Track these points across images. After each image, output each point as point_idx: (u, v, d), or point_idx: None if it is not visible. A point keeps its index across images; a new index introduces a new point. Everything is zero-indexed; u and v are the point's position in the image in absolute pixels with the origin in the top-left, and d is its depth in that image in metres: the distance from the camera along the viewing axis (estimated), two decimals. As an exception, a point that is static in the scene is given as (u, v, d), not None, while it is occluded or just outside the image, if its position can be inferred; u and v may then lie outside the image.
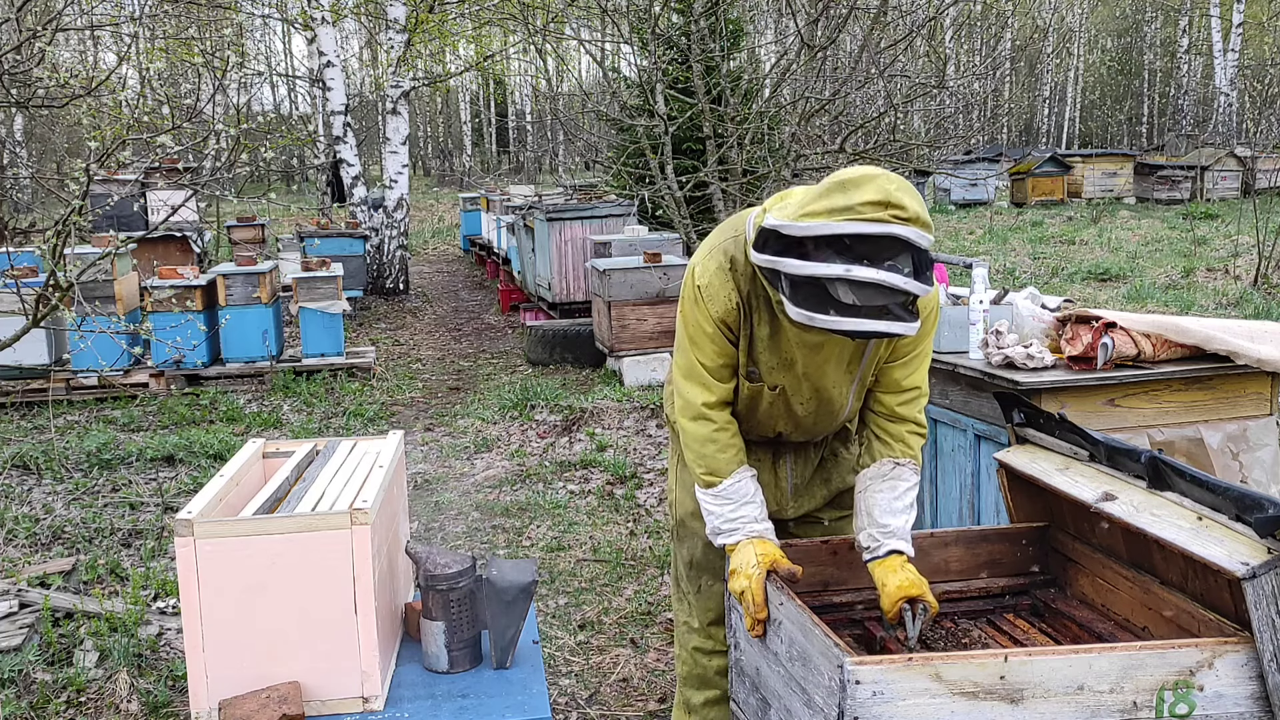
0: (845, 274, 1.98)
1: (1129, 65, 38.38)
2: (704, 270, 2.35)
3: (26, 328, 4.98)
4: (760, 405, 2.44)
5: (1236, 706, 1.90)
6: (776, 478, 2.60)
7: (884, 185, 2.01)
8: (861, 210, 1.99)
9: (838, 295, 2.01)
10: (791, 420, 2.47)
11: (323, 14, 12.68)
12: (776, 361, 2.38)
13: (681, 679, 2.78)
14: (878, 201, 1.99)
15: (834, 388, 2.41)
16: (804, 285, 2.04)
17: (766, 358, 2.38)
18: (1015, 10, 25.93)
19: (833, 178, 2.08)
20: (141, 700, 3.33)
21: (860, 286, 1.99)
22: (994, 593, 2.65)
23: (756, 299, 2.32)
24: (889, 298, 2.00)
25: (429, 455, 6.35)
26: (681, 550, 2.72)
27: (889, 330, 2.02)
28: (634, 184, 9.87)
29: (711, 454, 2.40)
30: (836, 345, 2.34)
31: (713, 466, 2.40)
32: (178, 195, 10.59)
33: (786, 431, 2.50)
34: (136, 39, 12.77)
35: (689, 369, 2.43)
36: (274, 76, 33.31)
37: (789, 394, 2.41)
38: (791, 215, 2.06)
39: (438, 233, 21.64)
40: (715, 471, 2.39)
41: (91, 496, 5.52)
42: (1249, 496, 1.93)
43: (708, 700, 2.72)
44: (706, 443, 2.40)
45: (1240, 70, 27.34)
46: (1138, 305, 10.14)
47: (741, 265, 2.31)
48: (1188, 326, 3.23)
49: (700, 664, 2.71)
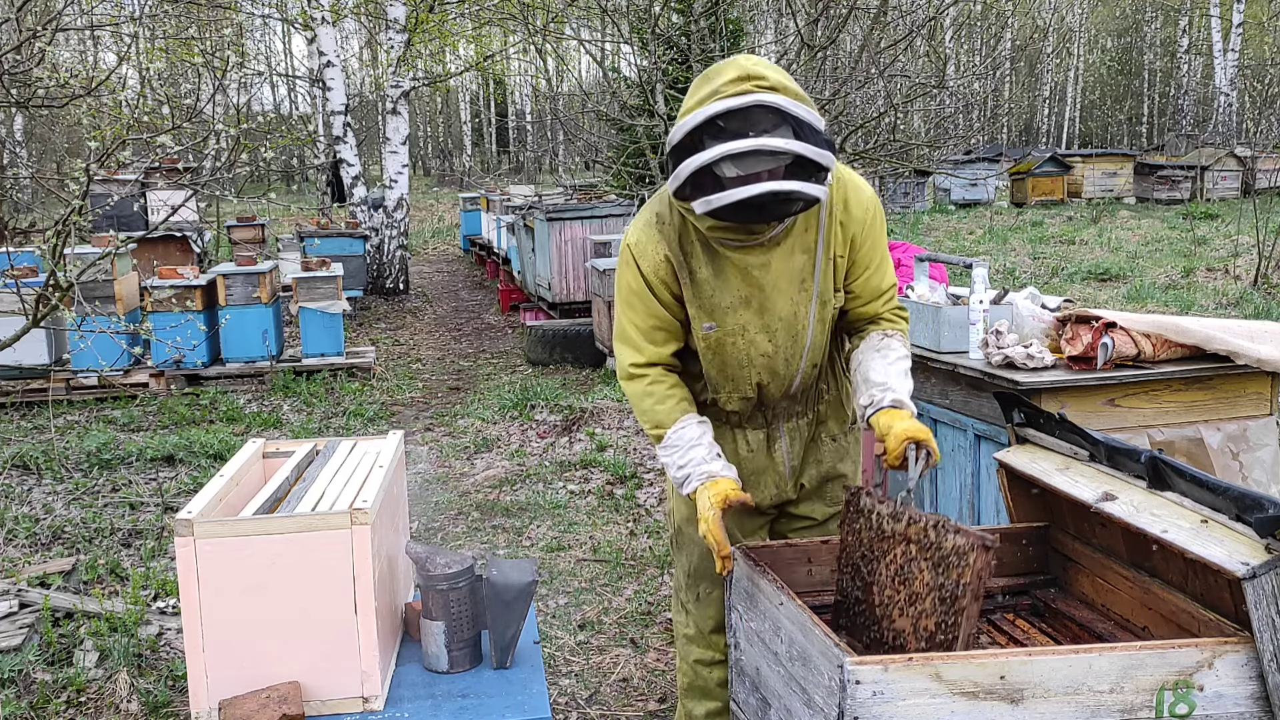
0: (724, 151, 2.06)
1: (1129, 65, 38.38)
2: (633, 230, 2.43)
3: (26, 328, 4.98)
4: (729, 355, 2.43)
5: (1236, 706, 1.90)
6: (774, 461, 2.59)
7: (742, 63, 2.13)
8: (724, 90, 2.09)
9: (725, 173, 2.08)
10: (765, 363, 2.44)
11: (323, 14, 12.68)
12: (730, 300, 2.38)
13: (682, 691, 2.77)
14: (738, 78, 2.10)
15: (793, 307, 2.39)
16: (699, 180, 2.12)
17: (719, 298, 2.38)
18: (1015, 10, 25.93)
19: (697, 79, 2.20)
20: (141, 700, 3.33)
21: (741, 158, 2.06)
22: (994, 593, 2.64)
23: (690, 244, 2.36)
24: (774, 161, 2.07)
25: (429, 455, 6.35)
26: (680, 558, 2.70)
27: (790, 188, 2.07)
28: (634, 184, 9.87)
29: (650, 407, 2.42)
30: (782, 261, 2.36)
31: (655, 419, 2.42)
32: (178, 195, 10.59)
33: (765, 380, 2.46)
34: (136, 39, 12.77)
35: (620, 333, 2.47)
36: (274, 76, 33.32)
37: (752, 332, 2.40)
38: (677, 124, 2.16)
39: (438, 233, 21.64)
40: (659, 424, 2.42)
41: (91, 496, 5.52)
42: (1249, 496, 1.93)
43: (709, 712, 2.71)
44: (643, 398, 2.44)
45: (1240, 70, 27.33)
46: (1138, 305, 10.14)
47: (669, 218, 2.38)
48: (1188, 326, 3.23)
49: (701, 676, 2.70)
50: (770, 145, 2.05)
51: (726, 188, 2.08)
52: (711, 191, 2.10)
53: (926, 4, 10.13)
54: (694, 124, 2.10)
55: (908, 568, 2.19)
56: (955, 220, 18.89)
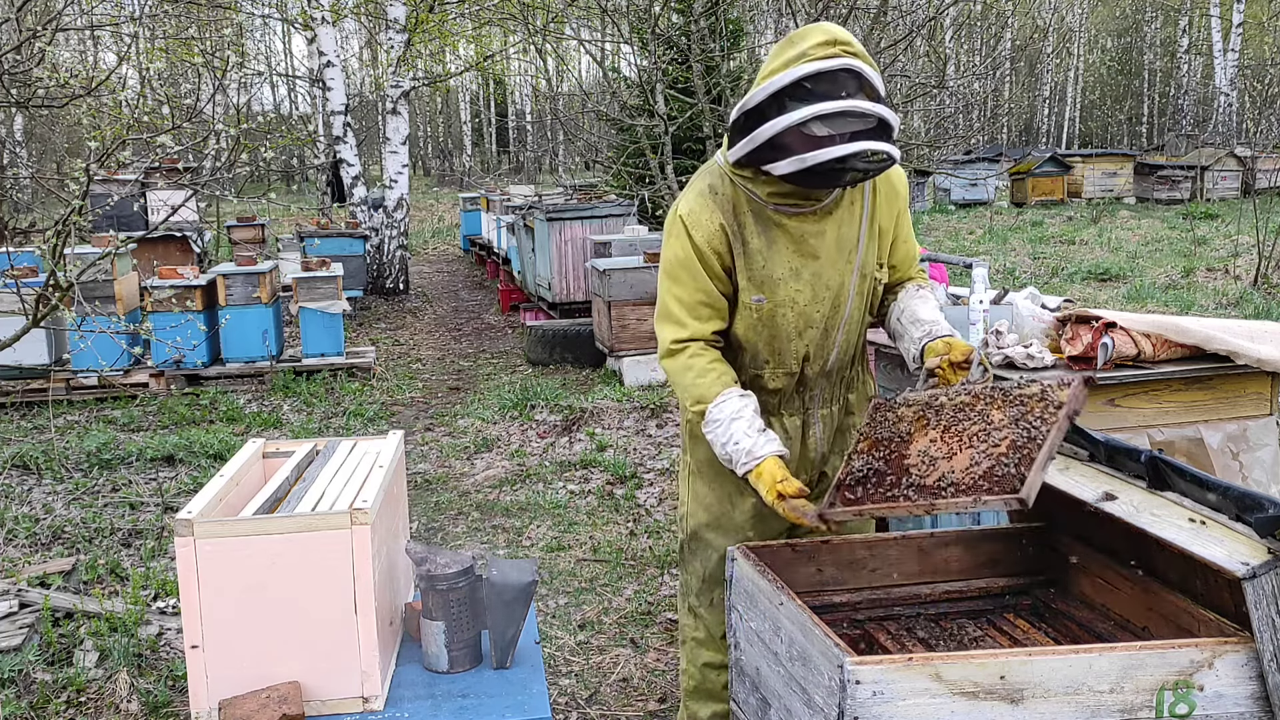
0: (817, 111, 2.13)
1: (1129, 65, 38.36)
2: (685, 201, 2.44)
3: (26, 328, 4.98)
4: (778, 327, 2.44)
5: (1236, 706, 1.90)
6: (806, 449, 2.60)
7: (828, 27, 2.21)
8: (813, 52, 2.17)
9: (816, 133, 2.15)
10: (813, 334, 2.46)
11: (323, 14, 12.68)
12: (781, 271, 2.40)
13: (687, 693, 2.77)
14: (826, 41, 2.18)
15: (839, 277, 2.44)
16: (784, 140, 2.18)
17: (771, 269, 2.40)
18: (1015, 10, 25.92)
19: (779, 43, 2.26)
20: (141, 700, 3.33)
21: (833, 118, 2.14)
22: (994, 593, 2.65)
23: (743, 215, 2.39)
24: (863, 122, 2.16)
25: (429, 455, 6.35)
26: (694, 564, 2.69)
27: (879, 147, 2.15)
28: (634, 184, 9.87)
29: (691, 381, 2.40)
30: (834, 230, 2.41)
31: (696, 394, 2.40)
32: (178, 195, 10.58)
33: (811, 352, 2.48)
34: (136, 39, 12.77)
35: (662, 310, 2.47)
36: (274, 76, 33.31)
37: (802, 303, 2.42)
38: (756, 88, 2.22)
39: (438, 233, 21.63)
40: (701, 399, 2.39)
41: (91, 496, 5.52)
42: (1249, 496, 1.93)
43: (715, 714, 2.70)
44: (684, 372, 2.42)
45: (1240, 70, 27.32)
46: (1138, 305, 10.14)
47: (722, 189, 2.40)
48: (1188, 326, 3.23)
49: (709, 679, 2.69)
50: (861, 107, 2.15)
51: (821, 146, 2.15)
52: (803, 150, 2.16)
53: (926, 4, 10.13)
54: (781, 85, 2.16)
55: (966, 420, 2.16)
56: (955, 220, 18.89)
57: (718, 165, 2.43)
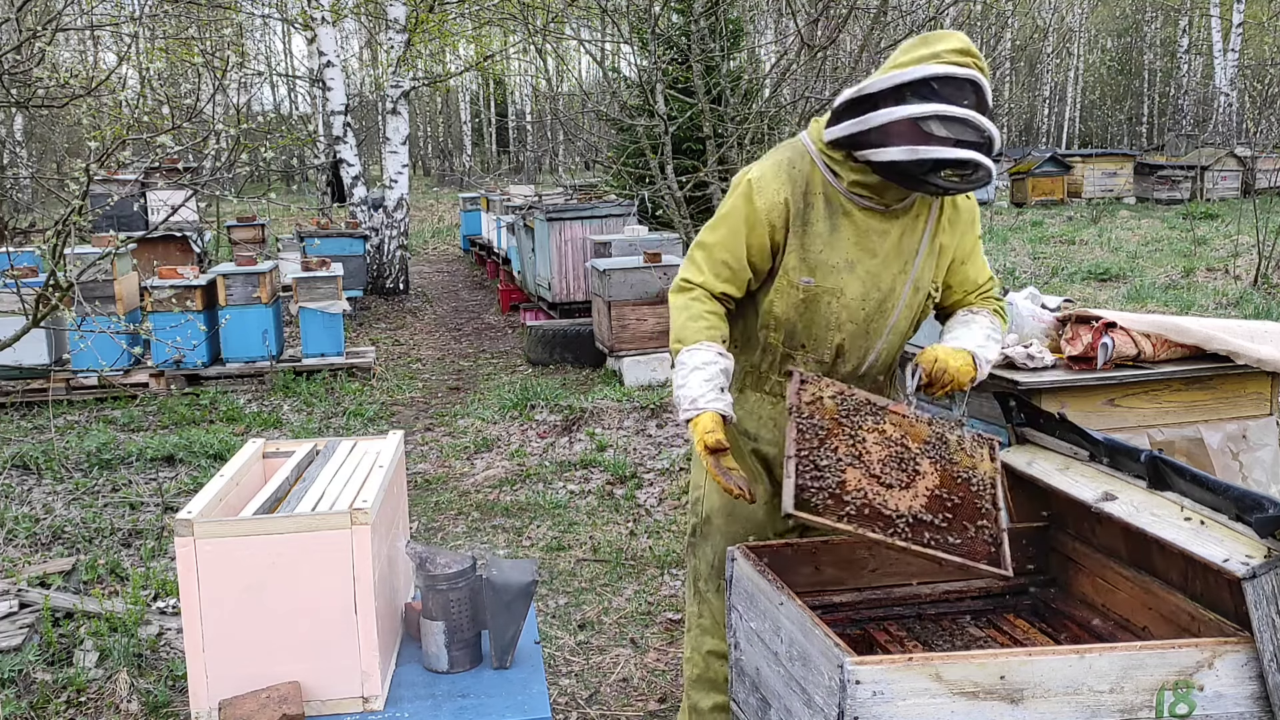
0: (941, 110, 2.20)
1: (1129, 65, 38.36)
2: (760, 166, 2.47)
3: (26, 328, 4.98)
4: (818, 313, 2.47)
5: (1236, 706, 1.90)
6: None
7: (962, 37, 2.27)
8: (947, 56, 2.23)
9: (931, 131, 2.21)
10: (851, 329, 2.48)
11: (323, 14, 12.68)
12: (837, 259, 2.43)
13: (690, 682, 2.77)
14: (961, 49, 2.25)
15: (892, 282, 2.47)
16: (896, 130, 2.23)
17: (826, 255, 2.42)
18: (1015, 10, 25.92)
19: (911, 40, 2.32)
20: (141, 700, 3.33)
21: (952, 121, 2.21)
22: (994, 593, 2.65)
23: (814, 196, 2.42)
24: (976, 135, 2.22)
25: (429, 455, 6.35)
26: (704, 549, 2.70)
27: (980, 159, 2.22)
28: (634, 184, 9.87)
29: (681, 322, 2.46)
30: (898, 235, 2.44)
31: (679, 334, 2.45)
32: (178, 195, 10.58)
33: (845, 346, 2.50)
34: (136, 39, 12.76)
35: (693, 248, 2.52)
36: (274, 76, 33.31)
37: (848, 296, 2.45)
38: (878, 76, 2.27)
39: (438, 233, 21.63)
40: (680, 339, 2.45)
41: (91, 496, 5.52)
42: (1249, 496, 1.93)
43: (716, 705, 2.70)
44: (680, 310, 2.48)
45: (1240, 70, 27.32)
46: (1138, 305, 10.14)
47: (801, 166, 2.44)
48: (1188, 326, 3.23)
49: (713, 668, 2.70)
50: (980, 121, 2.22)
51: (936, 143, 2.21)
52: (917, 143, 2.22)
53: (926, 4, 10.13)
54: (908, 78, 2.22)
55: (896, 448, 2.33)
56: (955, 220, 18.85)
57: (801, 144, 2.47)
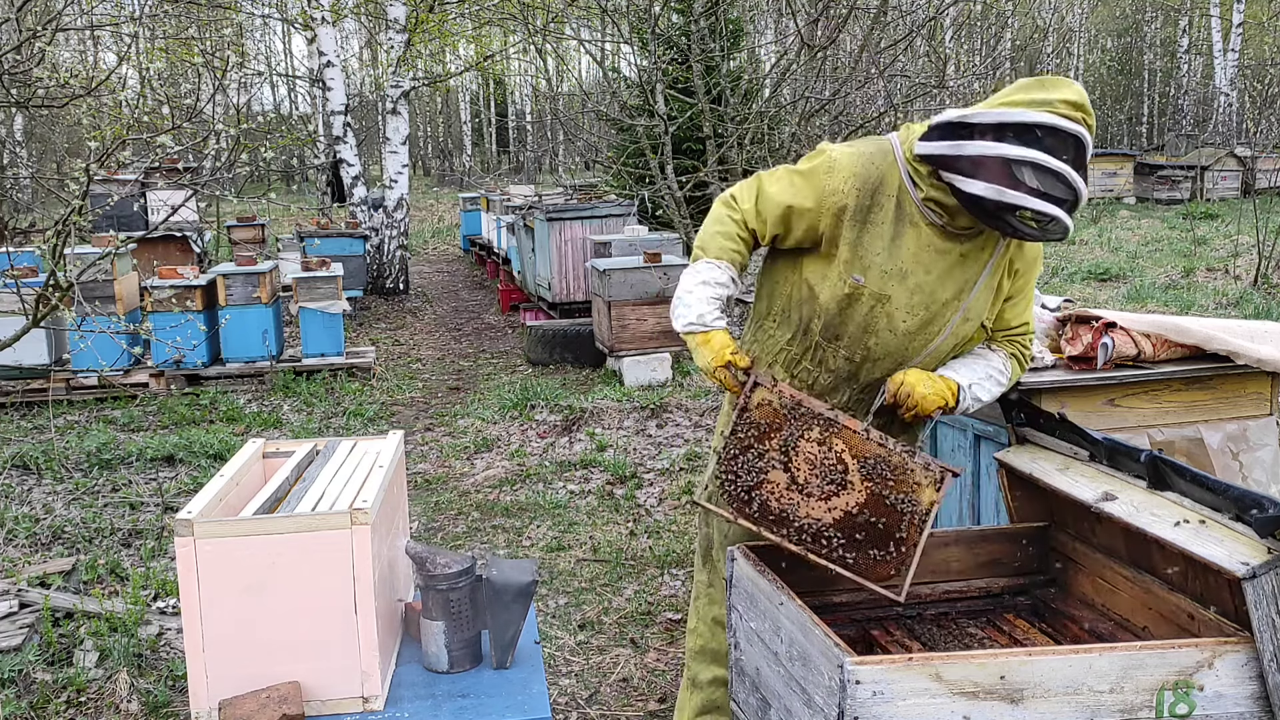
0: (1038, 159, 2.18)
1: (1129, 65, 38.35)
2: (843, 151, 2.48)
3: (26, 328, 4.98)
4: (857, 312, 2.46)
5: (1236, 706, 1.90)
6: None
7: (1080, 90, 2.25)
8: (1059, 107, 2.21)
9: (1021, 177, 2.19)
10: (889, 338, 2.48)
11: (323, 14, 12.68)
12: (891, 268, 2.42)
13: (692, 654, 2.78)
14: (1075, 103, 2.23)
15: (943, 306, 2.46)
16: (987, 164, 2.22)
17: (882, 260, 2.41)
18: (1015, 10, 25.92)
19: (1028, 80, 2.31)
20: (141, 700, 3.33)
21: (1045, 173, 2.19)
22: (994, 593, 2.65)
23: (884, 198, 2.41)
24: (1065, 191, 2.20)
25: (429, 455, 6.35)
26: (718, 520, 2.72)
27: (1061, 216, 2.21)
28: (634, 184, 9.88)
29: (712, 232, 2.53)
30: (959, 261, 2.43)
31: (704, 243, 2.53)
32: (178, 195, 10.58)
33: (878, 351, 2.49)
34: (136, 39, 12.75)
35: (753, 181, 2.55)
36: (274, 76, 33.30)
37: (892, 305, 2.44)
38: (988, 107, 2.27)
39: (438, 233, 21.62)
40: (704, 247, 2.52)
41: (91, 496, 5.52)
42: (1249, 496, 1.93)
43: (715, 679, 2.71)
44: (715, 222, 2.54)
45: (1240, 70, 27.32)
46: (1138, 305, 10.14)
47: (879, 165, 2.43)
48: (1188, 326, 3.23)
49: (717, 637, 2.71)
50: (1073, 178, 2.20)
51: (1021, 189, 2.20)
52: (1004, 185, 2.21)
53: (926, 4, 10.13)
54: (1015, 119, 2.21)
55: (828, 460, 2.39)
56: (955, 220, 18.85)
57: (889, 144, 2.46)
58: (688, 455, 5.98)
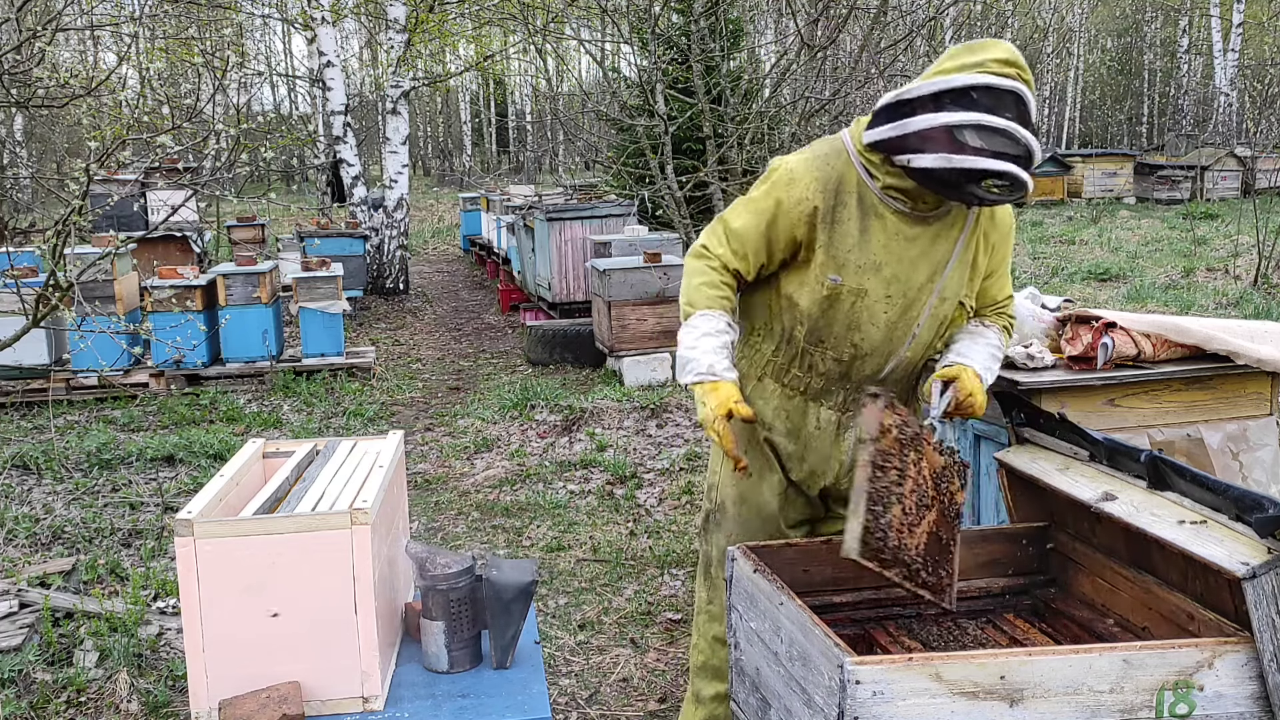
0: (978, 120, 2.18)
1: (1129, 65, 38.36)
2: (795, 159, 2.47)
3: (26, 328, 4.98)
4: (839, 312, 2.45)
5: (1236, 706, 1.90)
6: (839, 450, 2.59)
7: (1008, 47, 2.24)
8: (991, 66, 2.21)
9: (967, 141, 2.18)
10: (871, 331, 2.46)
11: (323, 14, 12.68)
12: (865, 261, 2.41)
13: (695, 669, 2.78)
14: (1006, 60, 2.22)
15: (917, 292, 2.45)
16: (936, 137, 2.21)
17: (855, 255, 2.41)
18: (1015, 10, 25.92)
19: (957, 46, 2.29)
20: (141, 700, 3.33)
21: (989, 132, 2.19)
22: (994, 593, 2.65)
23: (846, 195, 2.41)
24: (1014, 147, 2.20)
25: (429, 455, 6.35)
26: (718, 536, 2.71)
27: (1017, 173, 2.20)
28: (634, 184, 9.88)
29: (695, 285, 2.48)
30: (928, 243, 2.42)
31: (691, 296, 2.48)
32: (178, 195, 10.58)
33: (864, 349, 2.49)
34: (136, 39, 12.76)
35: (718, 221, 2.53)
36: (274, 76, 33.31)
37: (870, 299, 2.44)
38: (921, 81, 2.26)
39: (438, 233, 21.62)
40: (692, 302, 2.47)
41: (91, 496, 5.52)
42: (1249, 496, 1.93)
43: (718, 695, 2.71)
44: (695, 274, 2.50)
45: (1240, 70, 27.32)
46: (1138, 305, 10.14)
47: (836, 165, 2.43)
48: (1188, 326, 3.23)
49: (718, 654, 2.70)
50: (1019, 132, 2.19)
51: (970, 154, 2.19)
52: (951, 151, 2.20)
53: (926, 4, 10.14)
54: (949, 86, 2.20)
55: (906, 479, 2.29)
56: (955, 220, 18.84)
57: (841, 142, 2.46)
58: (688, 455, 5.97)
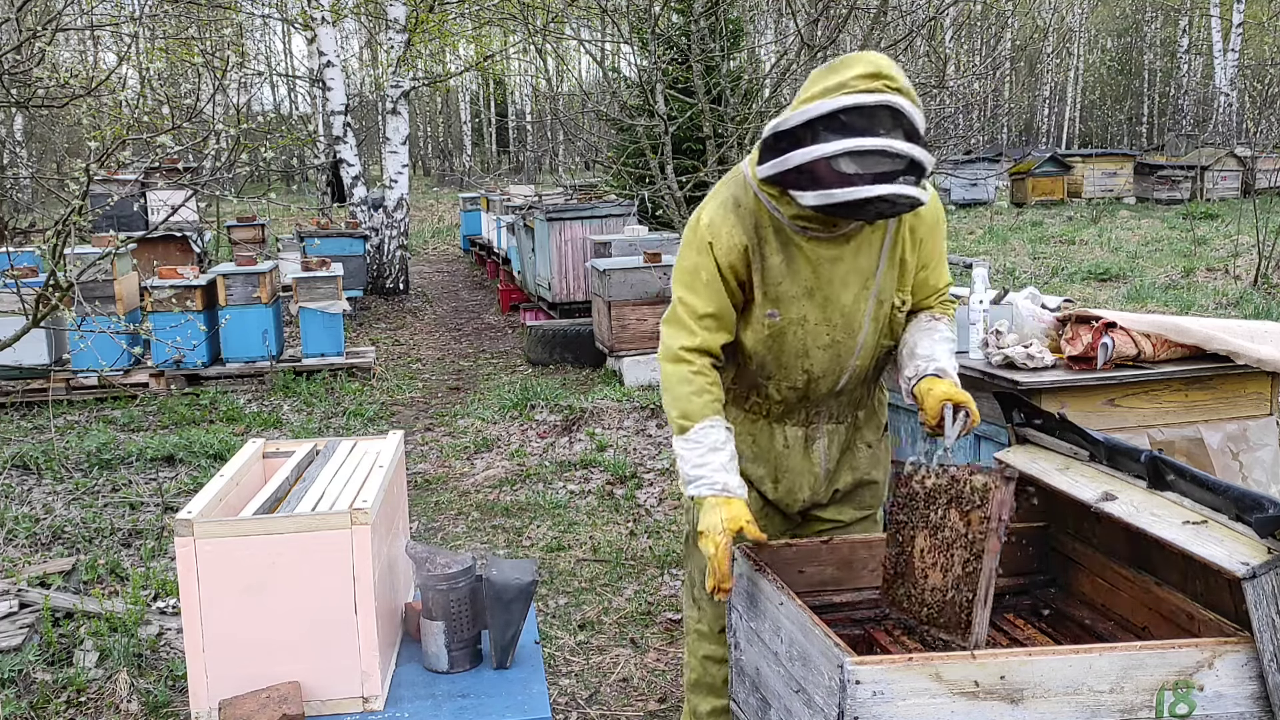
0: (850, 146, 2.08)
1: (1129, 65, 38.37)
2: (709, 212, 2.40)
3: (26, 328, 4.98)
4: (786, 344, 2.43)
5: (1236, 706, 1.90)
6: (810, 462, 2.58)
7: (872, 59, 2.14)
8: (854, 84, 2.11)
9: (844, 169, 2.09)
10: (820, 354, 2.44)
11: (323, 14, 12.68)
12: (797, 289, 2.39)
13: (689, 685, 2.77)
14: (870, 74, 2.12)
15: (855, 303, 2.42)
16: (813, 171, 2.13)
17: (786, 287, 2.38)
18: (1015, 10, 25.92)
19: (820, 68, 2.20)
20: (141, 700, 3.33)
21: (863, 156, 2.09)
22: (994, 592, 2.64)
23: (765, 230, 2.36)
24: (892, 163, 2.10)
25: (429, 455, 6.35)
26: (698, 556, 2.68)
27: (904, 192, 2.11)
28: (634, 184, 9.88)
29: (684, 394, 2.37)
30: (852, 257, 2.38)
31: (685, 409, 2.37)
32: (178, 195, 10.58)
33: (817, 372, 2.46)
34: (136, 39, 12.76)
35: (672, 314, 2.45)
36: (274, 76, 33.31)
37: (812, 323, 2.41)
38: (794, 108, 2.17)
39: (438, 233, 21.63)
40: (687, 415, 2.36)
41: (91, 496, 5.52)
42: (1249, 496, 1.93)
43: (715, 710, 2.71)
44: (681, 383, 2.39)
45: (1240, 70, 27.32)
46: (1138, 305, 10.14)
47: (746, 202, 2.37)
48: (1188, 326, 3.23)
49: (710, 672, 2.70)
50: (894, 148, 2.09)
51: (847, 184, 2.11)
52: (830, 186, 2.12)
53: (926, 4, 10.14)
54: (818, 113, 2.11)
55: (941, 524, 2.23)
56: (955, 220, 18.88)
57: (743, 176, 2.40)
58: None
